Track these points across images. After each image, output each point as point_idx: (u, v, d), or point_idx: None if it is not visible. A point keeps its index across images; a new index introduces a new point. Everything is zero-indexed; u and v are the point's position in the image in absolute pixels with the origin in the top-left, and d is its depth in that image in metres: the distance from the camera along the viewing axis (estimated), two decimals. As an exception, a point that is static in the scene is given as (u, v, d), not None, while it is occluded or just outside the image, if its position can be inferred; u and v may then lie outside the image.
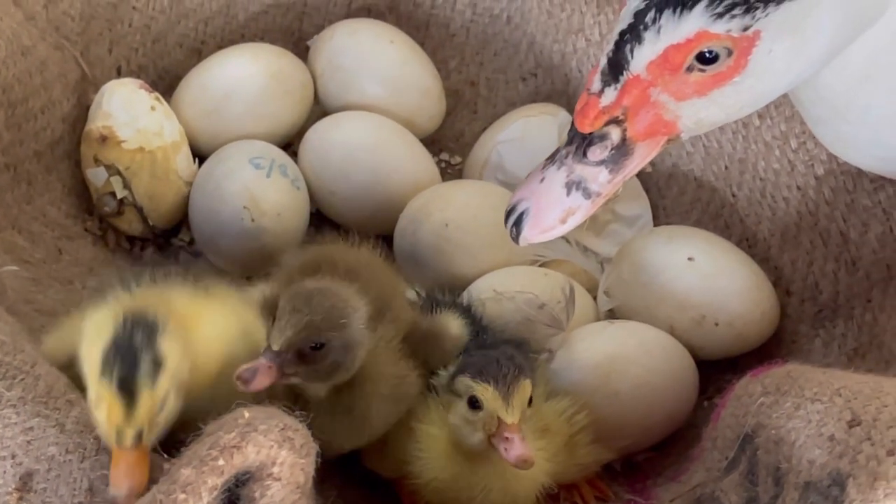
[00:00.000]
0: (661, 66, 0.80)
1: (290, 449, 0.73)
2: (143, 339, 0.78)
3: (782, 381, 0.78)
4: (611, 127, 0.83)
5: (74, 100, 1.20)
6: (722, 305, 1.08)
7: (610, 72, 0.82)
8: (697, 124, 0.84)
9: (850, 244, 1.07)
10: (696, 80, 0.81)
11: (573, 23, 1.27)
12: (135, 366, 0.77)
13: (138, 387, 0.77)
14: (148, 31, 1.29)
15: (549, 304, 1.06)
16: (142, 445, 0.77)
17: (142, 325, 0.79)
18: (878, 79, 0.86)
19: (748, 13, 0.78)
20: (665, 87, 0.81)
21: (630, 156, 0.84)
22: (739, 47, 0.79)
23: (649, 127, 0.83)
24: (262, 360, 0.84)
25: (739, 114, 0.85)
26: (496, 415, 0.87)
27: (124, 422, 0.76)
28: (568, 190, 0.85)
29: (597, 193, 0.85)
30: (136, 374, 0.77)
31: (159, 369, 0.78)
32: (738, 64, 0.80)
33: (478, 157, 1.27)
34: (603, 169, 0.84)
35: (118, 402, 0.76)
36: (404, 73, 1.29)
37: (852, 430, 0.71)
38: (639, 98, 0.82)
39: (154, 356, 0.78)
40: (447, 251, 1.14)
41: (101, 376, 0.77)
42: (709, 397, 1.08)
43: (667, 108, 0.82)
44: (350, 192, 1.20)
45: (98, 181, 1.18)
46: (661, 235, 1.15)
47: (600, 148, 0.84)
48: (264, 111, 1.25)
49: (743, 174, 1.17)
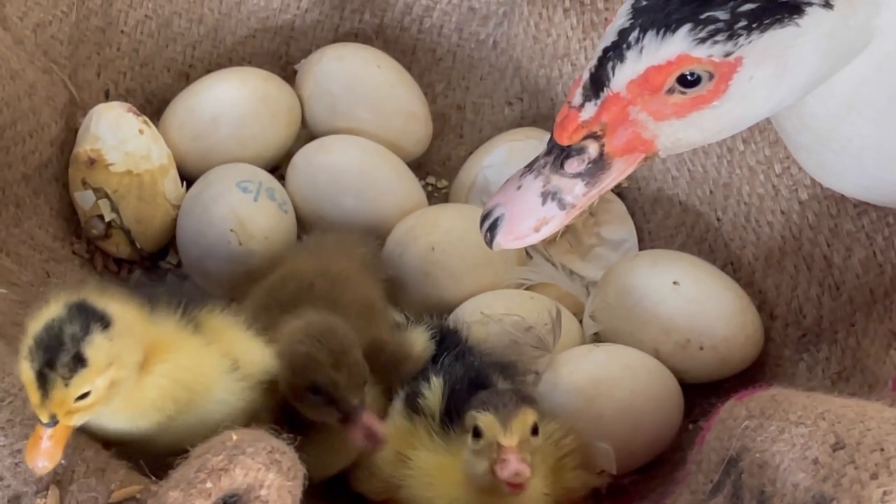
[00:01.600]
0: (641, 86, 0.81)
1: (278, 471, 0.73)
2: (75, 333, 0.78)
3: (767, 404, 0.78)
4: (589, 141, 0.84)
5: (62, 123, 1.20)
6: (706, 329, 1.09)
7: (591, 87, 0.82)
8: (675, 144, 0.84)
9: (834, 268, 1.08)
10: (676, 101, 0.81)
11: (559, 48, 1.27)
12: (52, 361, 0.77)
13: (51, 381, 0.76)
14: (136, 55, 1.29)
15: (536, 327, 1.06)
16: (59, 426, 0.77)
17: (81, 318, 0.79)
18: (862, 108, 0.87)
19: (731, 39, 0.78)
20: (644, 106, 0.82)
21: (607, 170, 0.85)
22: (720, 72, 0.79)
23: (627, 144, 0.84)
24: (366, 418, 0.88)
25: (718, 136, 0.86)
26: (495, 440, 0.87)
27: (40, 405, 0.77)
28: (543, 199, 0.86)
29: (571, 205, 0.85)
30: (53, 369, 0.77)
31: (79, 368, 0.77)
32: (719, 88, 0.80)
33: (464, 181, 1.27)
34: (579, 181, 0.85)
35: (34, 387, 0.77)
36: (391, 97, 1.30)
37: (836, 453, 0.71)
38: (618, 115, 0.82)
39: (77, 354, 0.77)
40: (434, 274, 1.14)
41: (25, 358, 0.77)
42: (693, 420, 1.08)
43: (645, 127, 0.83)
44: (337, 215, 1.20)
45: (86, 204, 1.19)
46: (646, 259, 1.15)
47: (577, 161, 0.84)
48: (252, 135, 1.25)
49: (727, 198, 1.18)
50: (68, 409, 0.77)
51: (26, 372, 0.77)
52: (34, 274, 1.13)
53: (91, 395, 0.78)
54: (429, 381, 0.99)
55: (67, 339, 0.77)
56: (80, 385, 0.77)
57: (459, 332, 1.06)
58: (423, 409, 0.96)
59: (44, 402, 0.76)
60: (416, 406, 0.97)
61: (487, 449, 0.88)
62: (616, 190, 1.26)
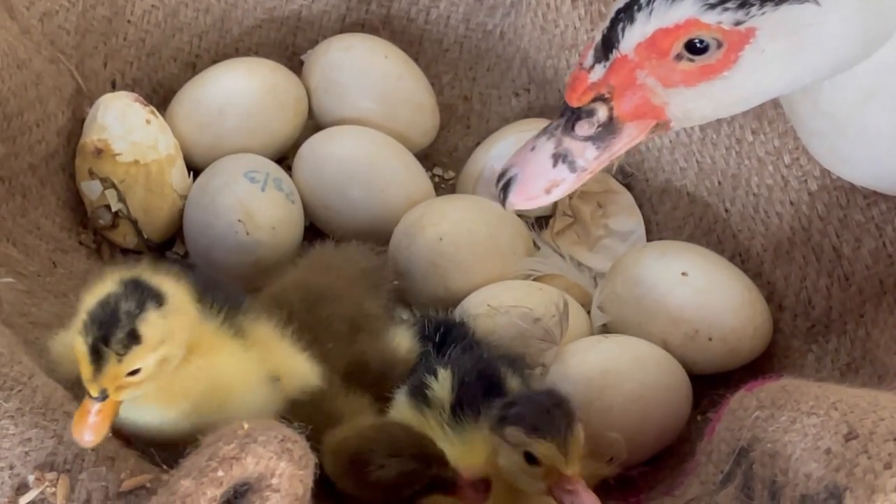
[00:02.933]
0: (648, 49, 0.81)
1: (289, 460, 0.73)
2: (130, 310, 0.78)
3: (778, 394, 0.78)
4: (598, 104, 0.84)
5: (69, 113, 1.20)
6: (715, 320, 1.08)
7: (602, 49, 0.82)
8: (686, 115, 0.84)
9: (843, 259, 1.08)
10: (685, 69, 0.81)
11: (566, 38, 1.27)
12: (107, 337, 0.77)
13: (105, 357, 0.77)
14: (143, 45, 1.29)
15: (544, 319, 1.06)
16: (108, 401, 0.78)
17: (136, 295, 0.79)
18: (882, 98, 0.86)
19: (742, 8, 0.78)
20: (652, 70, 0.82)
21: (617, 135, 0.85)
22: (730, 41, 0.79)
23: (636, 109, 0.84)
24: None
25: (730, 110, 0.86)
26: (556, 468, 0.86)
27: (91, 378, 0.77)
28: (554, 161, 0.86)
29: (582, 168, 0.85)
30: (107, 344, 0.77)
31: (132, 345, 0.78)
32: (728, 58, 0.80)
33: (471, 172, 1.27)
34: (590, 145, 0.85)
35: (87, 361, 0.77)
36: (398, 87, 1.29)
37: (849, 443, 0.71)
38: (626, 78, 0.82)
39: (132, 331, 0.78)
40: (441, 265, 1.14)
41: (80, 333, 0.78)
42: (702, 412, 1.08)
43: (654, 93, 0.83)
44: (344, 206, 1.20)
45: (93, 194, 1.18)
46: (654, 250, 1.15)
47: (588, 123, 0.84)
48: (258, 125, 1.25)
49: (736, 189, 1.17)
50: (119, 385, 0.78)
51: (80, 346, 0.77)
52: (41, 264, 1.13)
53: (142, 372, 0.79)
54: (435, 373, 0.98)
55: (123, 315, 0.78)
56: (132, 361, 0.78)
57: (466, 325, 1.05)
58: (432, 402, 0.96)
59: (95, 376, 0.77)
60: (424, 398, 0.97)
61: (547, 473, 0.87)
62: (624, 181, 1.26)
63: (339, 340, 0.99)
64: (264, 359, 0.90)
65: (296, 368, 0.92)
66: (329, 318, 1.01)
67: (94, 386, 0.77)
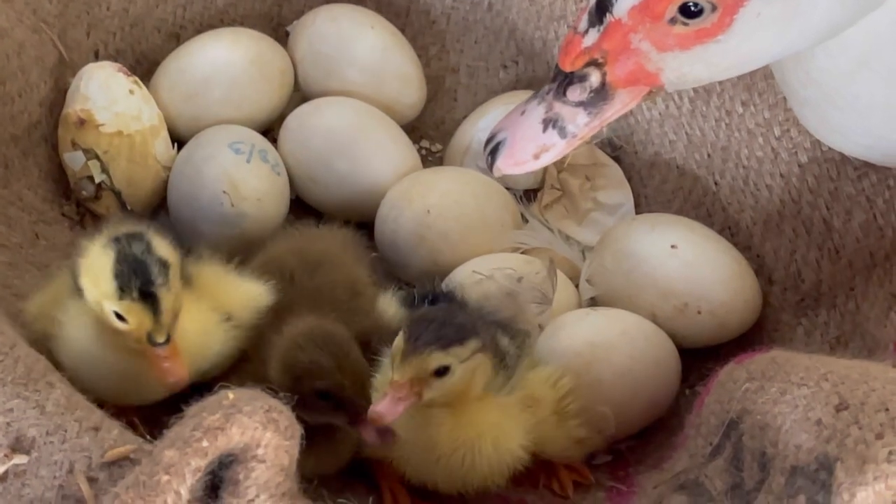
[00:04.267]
0: (642, 13, 0.80)
1: (275, 431, 0.73)
2: (143, 248, 0.85)
3: (767, 366, 0.78)
4: (591, 69, 0.83)
5: (52, 83, 1.19)
6: (704, 293, 1.08)
7: (596, 13, 0.82)
8: (680, 78, 0.83)
9: (834, 232, 1.07)
10: (679, 32, 0.80)
11: (555, 10, 1.27)
12: (148, 273, 0.84)
13: (158, 290, 0.84)
14: (126, 15, 1.28)
15: (528, 276, 1.05)
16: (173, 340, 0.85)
17: (136, 238, 0.86)
18: (874, 66, 0.86)
19: None
20: (646, 34, 0.81)
21: (609, 101, 0.84)
22: (724, 4, 0.78)
23: (630, 74, 0.83)
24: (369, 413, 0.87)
25: (725, 74, 0.85)
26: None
27: (153, 325, 0.84)
28: (545, 126, 0.85)
29: (573, 134, 0.85)
30: (153, 280, 0.84)
31: (168, 269, 0.85)
32: (723, 22, 0.79)
33: (459, 145, 1.26)
34: (581, 111, 0.84)
35: (145, 311, 0.84)
36: (385, 59, 1.28)
37: (840, 414, 0.71)
38: (619, 43, 0.81)
39: (158, 259, 0.85)
40: (429, 238, 1.14)
41: (122, 294, 0.84)
42: (691, 385, 1.08)
43: (649, 58, 0.82)
44: (330, 178, 1.20)
45: (75, 165, 1.17)
46: (643, 223, 1.14)
47: (580, 88, 0.83)
48: (243, 96, 1.24)
49: (726, 162, 1.17)
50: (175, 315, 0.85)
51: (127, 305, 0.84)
52: (23, 236, 1.12)
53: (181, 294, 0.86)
54: None
55: (144, 255, 0.85)
56: (175, 286, 0.85)
57: (454, 293, 1.05)
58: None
59: (158, 319, 0.84)
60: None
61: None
62: (612, 154, 1.25)
63: (340, 309, 0.98)
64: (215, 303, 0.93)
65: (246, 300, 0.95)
66: (332, 285, 1.01)
67: (159, 331, 0.84)
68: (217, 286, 0.95)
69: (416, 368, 0.86)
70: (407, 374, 0.86)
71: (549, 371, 0.97)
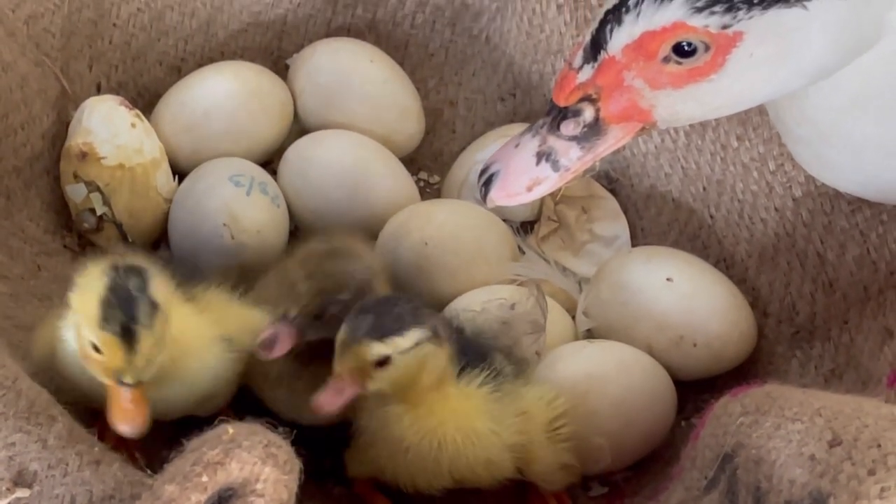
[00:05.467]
0: (636, 51, 0.81)
1: (274, 465, 0.73)
2: (138, 284, 0.83)
3: (762, 400, 0.78)
4: (585, 104, 0.84)
5: (54, 116, 1.20)
6: (700, 326, 1.09)
7: (591, 49, 0.82)
8: (673, 116, 0.84)
9: (828, 265, 1.08)
10: (672, 71, 0.81)
11: (552, 44, 1.27)
12: (134, 310, 0.82)
13: (139, 330, 0.81)
14: (128, 48, 1.29)
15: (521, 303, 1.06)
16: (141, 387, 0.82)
17: (134, 273, 0.84)
18: (868, 105, 0.86)
19: (729, 12, 0.78)
20: (640, 72, 0.82)
21: (602, 136, 0.85)
22: (717, 44, 0.79)
23: (623, 111, 0.84)
24: (280, 326, 0.89)
25: (717, 113, 0.86)
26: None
27: (125, 364, 0.81)
28: (538, 159, 0.86)
29: (565, 168, 0.85)
30: (137, 319, 0.82)
31: (156, 312, 0.82)
32: (716, 61, 0.80)
33: (456, 177, 1.27)
34: (574, 145, 0.85)
35: (120, 347, 0.81)
36: (384, 92, 1.29)
37: (833, 449, 0.71)
38: (613, 80, 0.82)
39: (150, 299, 0.83)
40: (427, 269, 1.14)
41: (103, 323, 0.81)
42: (686, 417, 1.08)
43: (642, 95, 0.83)
44: (329, 209, 1.20)
45: (77, 197, 1.18)
46: (639, 256, 1.15)
47: (573, 123, 0.84)
48: (244, 129, 1.25)
49: (721, 195, 1.17)
50: (150, 361, 0.82)
51: (105, 337, 0.81)
52: (25, 267, 1.12)
53: (164, 340, 0.84)
54: None
55: (136, 290, 0.82)
56: (159, 330, 0.83)
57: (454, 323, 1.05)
58: None
59: (131, 359, 0.81)
60: None
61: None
62: (609, 186, 1.26)
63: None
64: (216, 321, 0.93)
65: (247, 324, 0.95)
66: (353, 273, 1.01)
67: (130, 371, 0.82)
68: (218, 305, 0.96)
69: (355, 359, 0.87)
70: (346, 364, 0.88)
71: (545, 390, 0.98)
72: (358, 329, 0.88)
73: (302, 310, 0.92)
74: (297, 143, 1.25)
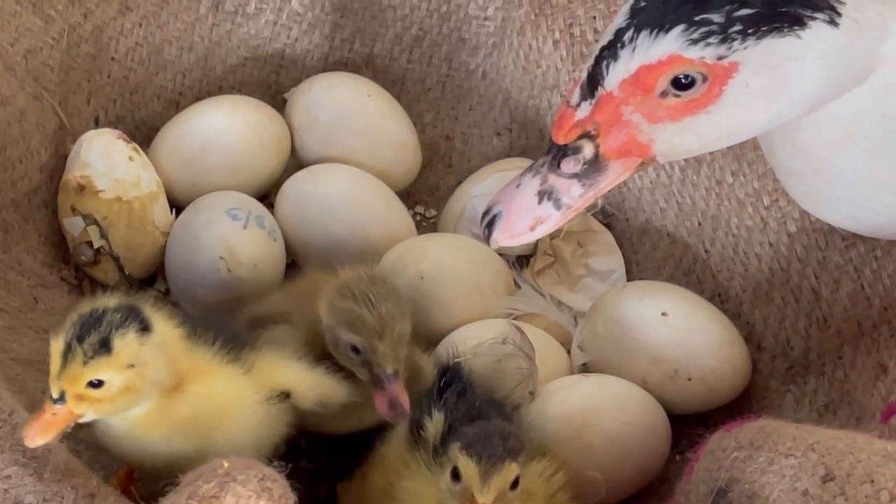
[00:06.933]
0: (633, 86, 0.81)
1: (269, 499, 0.73)
2: (113, 321, 0.82)
3: (756, 435, 0.78)
4: (584, 141, 0.84)
5: (52, 149, 1.20)
6: (694, 360, 1.09)
7: (588, 86, 0.83)
8: (672, 150, 0.85)
9: (822, 301, 1.08)
10: (670, 104, 0.81)
11: (548, 79, 1.28)
12: (82, 337, 0.81)
13: (73, 354, 0.80)
14: (126, 83, 1.29)
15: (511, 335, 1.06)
16: (65, 409, 0.81)
17: (125, 313, 0.83)
18: (859, 139, 0.87)
19: (724, 43, 0.78)
20: (637, 107, 0.82)
21: (603, 173, 0.85)
22: (714, 75, 0.80)
23: (622, 146, 0.84)
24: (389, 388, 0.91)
25: (715, 145, 0.86)
26: (471, 491, 0.86)
27: (55, 377, 0.81)
28: (540, 198, 0.86)
29: (567, 206, 0.86)
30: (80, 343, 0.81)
31: (102, 352, 0.81)
32: (713, 93, 0.80)
33: (453, 211, 1.28)
34: (575, 182, 0.85)
35: (58, 356, 0.81)
36: (381, 126, 1.30)
37: (826, 485, 0.72)
38: (611, 115, 0.83)
39: (106, 339, 0.81)
40: (423, 303, 1.14)
41: (58, 334, 0.82)
42: (681, 451, 1.08)
43: (640, 130, 0.83)
44: (326, 243, 1.20)
45: (75, 230, 1.18)
46: (634, 290, 1.15)
47: (573, 161, 0.84)
48: (241, 163, 1.25)
49: (716, 230, 1.18)
50: (77, 391, 0.80)
51: (55, 343, 0.81)
52: (22, 300, 1.12)
53: (103, 388, 0.81)
54: (431, 414, 0.98)
55: (104, 323, 0.81)
56: (96, 368, 0.81)
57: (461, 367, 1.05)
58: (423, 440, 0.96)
59: (60, 374, 0.80)
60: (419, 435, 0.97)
61: (462, 494, 0.87)
62: (604, 221, 1.26)
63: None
64: (266, 379, 0.92)
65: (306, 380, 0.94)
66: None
67: (55, 385, 0.81)
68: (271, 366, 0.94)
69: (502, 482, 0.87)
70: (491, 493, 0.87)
71: (543, 465, 0.96)
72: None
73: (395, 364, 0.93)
74: (295, 176, 1.25)
